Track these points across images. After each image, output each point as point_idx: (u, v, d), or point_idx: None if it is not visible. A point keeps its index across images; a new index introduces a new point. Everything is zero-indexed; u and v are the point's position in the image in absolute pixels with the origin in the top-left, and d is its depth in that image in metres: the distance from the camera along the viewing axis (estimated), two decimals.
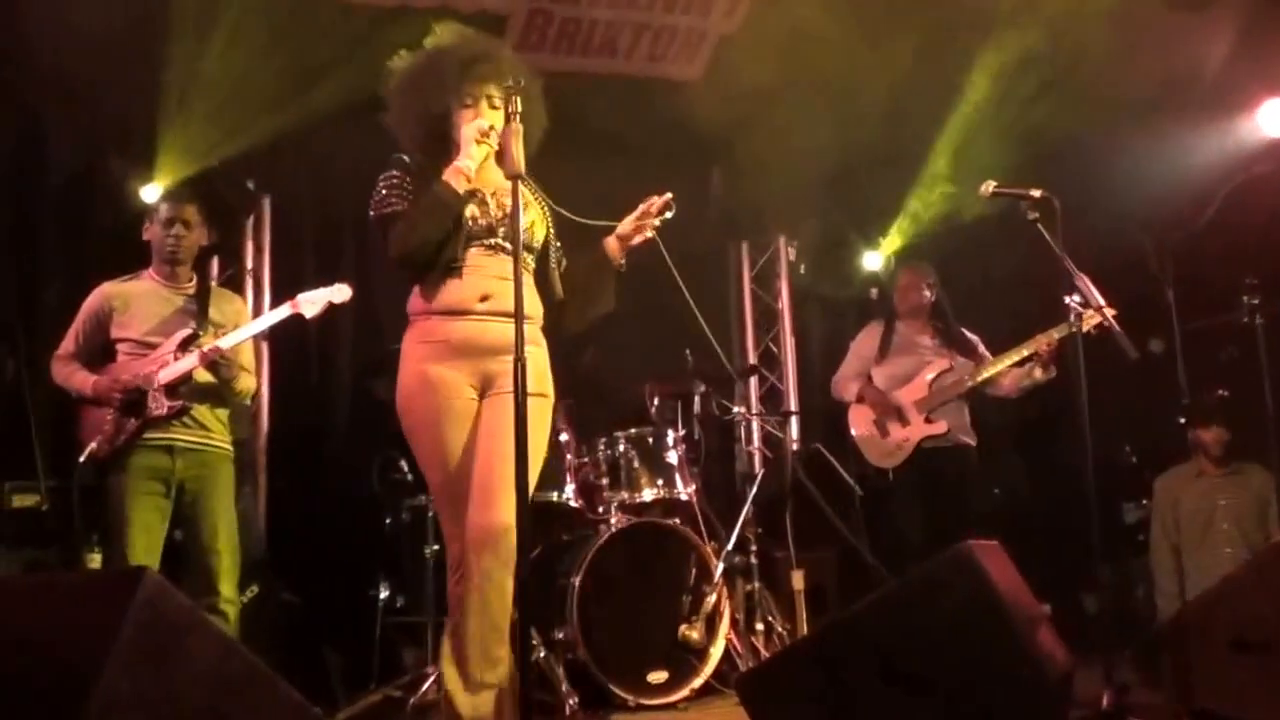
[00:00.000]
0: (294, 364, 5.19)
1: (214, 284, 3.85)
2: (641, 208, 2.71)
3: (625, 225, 2.72)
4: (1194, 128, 5.18)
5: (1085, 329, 3.50)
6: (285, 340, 4.84)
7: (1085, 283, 3.25)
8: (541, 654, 3.72)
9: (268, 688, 2.01)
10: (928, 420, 4.39)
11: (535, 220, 2.73)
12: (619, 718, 3.73)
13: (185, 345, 3.32)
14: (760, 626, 4.31)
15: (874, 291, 6.11)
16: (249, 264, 5.25)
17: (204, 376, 3.32)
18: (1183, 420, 4.71)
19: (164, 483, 3.29)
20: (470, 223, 2.63)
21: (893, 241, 6.13)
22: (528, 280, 2.65)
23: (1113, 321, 3.34)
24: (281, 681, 2.05)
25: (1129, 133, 5.11)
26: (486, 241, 2.64)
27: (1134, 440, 5.48)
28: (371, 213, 2.65)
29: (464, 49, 2.70)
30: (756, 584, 4.38)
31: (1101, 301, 3.32)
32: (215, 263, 5.04)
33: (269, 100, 4.63)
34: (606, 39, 5.30)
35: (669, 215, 2.69)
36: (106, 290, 3.45)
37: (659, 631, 3.94)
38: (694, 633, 3.94)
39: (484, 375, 2.62)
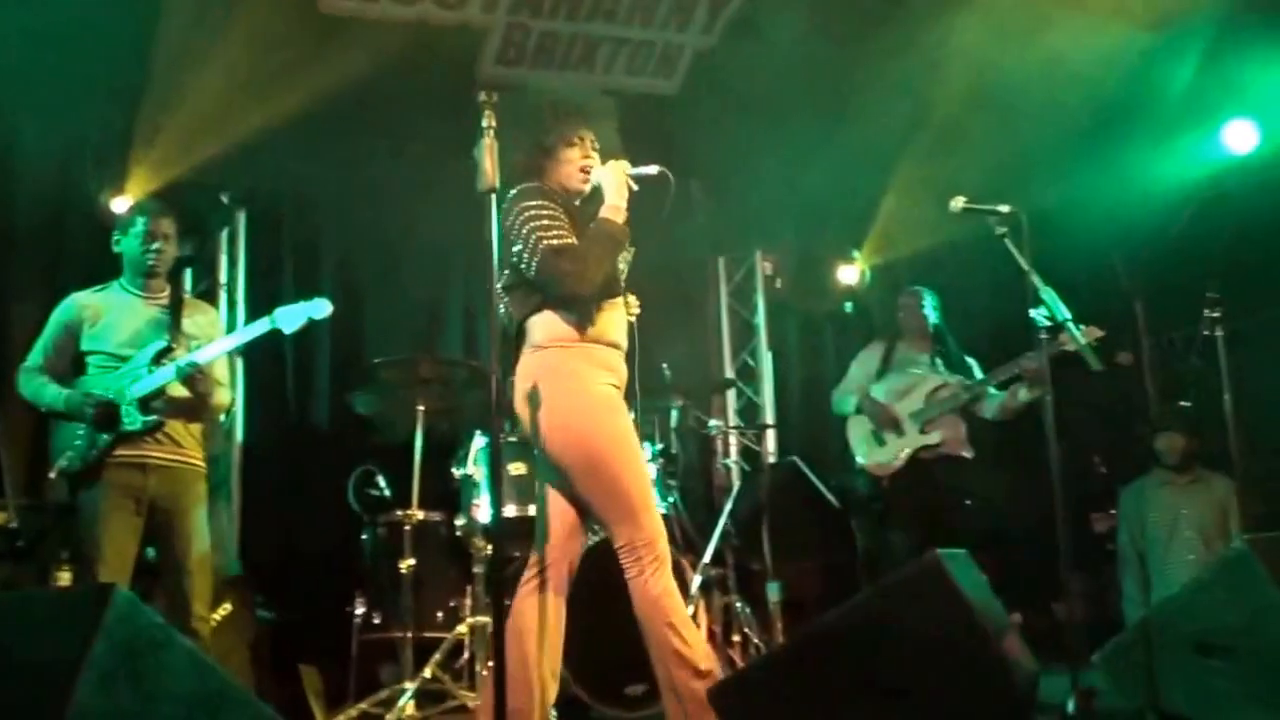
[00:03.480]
0: (270, 377, 5.16)
1: (186, 295, 3.81)
2: None
3: None
4: (1162, 145, 5.28)
5: (1064, 349, 3.55)
6: (261, 353, 4.80)
7: (1051, 297, 3.30)
8: None
9: (242, 705, 2.01)
10: (923, 431, 4.47)
11: None
12: None
13: (159, 358, 3.28)
14: (737, 639, 4.33)
15: (849, 305, 6.16)
16: (222, 278, 5.22)
17: (178, 391, 3.27)
18: (1145, 431, 4.79)
19: (136, 500, 3.24)
20: None
21: (868, 256, 6.19)
22: None
23: (1076, 335, 3.39)
24: (256, 699, 2.05)
25: (1099, 149, 5.19)
26: (622, 281, 2.83)
27: (1104, 451, 5.55)
28: (542, 240, 2.62)
29: (576, 96, 2.96)
30: (734, 597, 4.40)
31: (1067, 314, 3.36)
32: (188, 276, 5.00)
33: (244, 112, 4.61)
34: (584, 53, 5.33)
35: None
36: (77, 300, 3.37)
37: (636, 645, 3.92)
38: None
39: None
